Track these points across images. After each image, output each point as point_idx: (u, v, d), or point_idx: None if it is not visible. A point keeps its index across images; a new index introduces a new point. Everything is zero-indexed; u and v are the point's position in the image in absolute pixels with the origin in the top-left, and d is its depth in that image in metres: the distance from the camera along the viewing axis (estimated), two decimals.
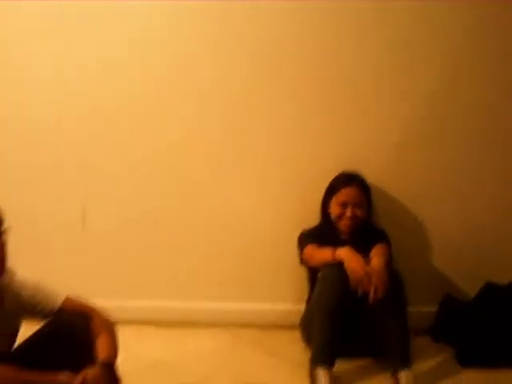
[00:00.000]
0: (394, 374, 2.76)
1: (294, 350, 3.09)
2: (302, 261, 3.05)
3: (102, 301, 2.34)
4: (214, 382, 2.81)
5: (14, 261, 2.13)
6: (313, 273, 3.00)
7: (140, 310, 3.39)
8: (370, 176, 3.13)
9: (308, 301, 3.07)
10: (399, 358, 2.77)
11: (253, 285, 3.41)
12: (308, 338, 2.99)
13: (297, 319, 3.15)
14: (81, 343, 2.14)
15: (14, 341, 2.26)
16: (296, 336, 3.14)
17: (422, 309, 3.05)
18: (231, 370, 2.93)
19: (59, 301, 2.24)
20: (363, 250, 2.85)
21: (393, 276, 2.77)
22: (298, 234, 3.09)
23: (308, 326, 2.98)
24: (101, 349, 2.13)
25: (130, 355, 2.19)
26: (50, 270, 2.42)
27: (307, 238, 3.04)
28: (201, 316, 3.42)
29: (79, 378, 1.99)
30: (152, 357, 2.96)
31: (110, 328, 2.23)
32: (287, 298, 3.37)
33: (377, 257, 2.82)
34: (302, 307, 3.14)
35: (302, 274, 3.17)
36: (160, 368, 2.88)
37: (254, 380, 2.83)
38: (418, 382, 2.72)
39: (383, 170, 3.23)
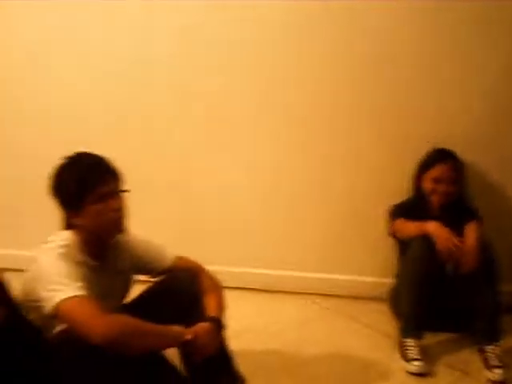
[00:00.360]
0: (482, 349, 2.80)
1: (381, 321, 3.16)
2: (391, 233, 3.11)
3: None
4: (304, 348, 2.91)
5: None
6: (402, 246, 3.06)
7: (235, 276, 3.49)
8: (463, 153, 3.13)
9: (397, 274, 3.12)
10: (487, 333, 2.82)
11: (343, 258, 3.49)
12: (396, 309, 3.06)
13: (383, 291, 3.23)
14: (190, 300, 2.25)
15: (125, 296, 2.40)
16: (382, 307, 3.21)
17: (507, 287, 3.06)
18: (320, 337, 3.03)
19: (170, 260, 2.37)
20: (453, 226, 2.89)
21: (485, 252, 2.81)
22: (389, 206, 3.14)
23: (396, 298, 3.05)
24: (209, 306, 2.24)
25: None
26: (157, 232, 2.53)
27: (398, 211, 3.09)
28: (292, 285, 3.53)
29: (191, 331, 2.11)
30: (245, 322, 3.08)
31: (217, 287, 2.34)
32: (374, 271, 3.44)
33: (470, 233, 2.86)
34: (388, 280, 3.21)
35: (389, 247, 3.22)
36: (252, 333, 3.00)
37: (343, 347, 2.92)
38: (505, 359, 2.74)
39: (476, 147, 3.23)
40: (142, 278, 2.42)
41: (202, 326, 2.14)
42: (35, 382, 1.94)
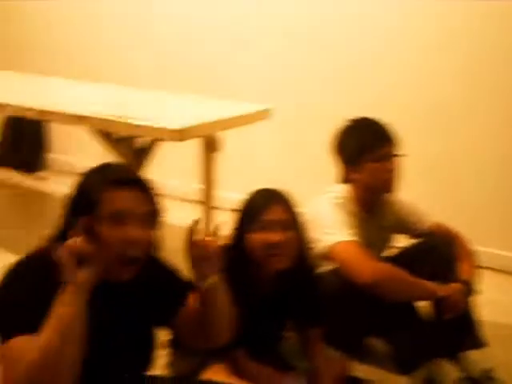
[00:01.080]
0: None
1: None
2: None
3: None
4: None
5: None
6: None
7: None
8: None
9: None
10: None
11: None
12: None
13: None
14: (445, 263, 2.43)
15: (383, 251, 2.63)
16: None
17: None
18: None
19: (429, 224, 2.57)
20: None
21: None
22: None
23: None
24: (462, 270, 2.42)
25: None
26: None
27: None
28: None
29: (445, 289, 2.31)
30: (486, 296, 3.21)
31: (471, 254, 2.51)
32: None
33: None
34: None
35: None
36: (492, 307, 2.98)
37: None
38: None
39: None
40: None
41: (455, 286, 2.33)
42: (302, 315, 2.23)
